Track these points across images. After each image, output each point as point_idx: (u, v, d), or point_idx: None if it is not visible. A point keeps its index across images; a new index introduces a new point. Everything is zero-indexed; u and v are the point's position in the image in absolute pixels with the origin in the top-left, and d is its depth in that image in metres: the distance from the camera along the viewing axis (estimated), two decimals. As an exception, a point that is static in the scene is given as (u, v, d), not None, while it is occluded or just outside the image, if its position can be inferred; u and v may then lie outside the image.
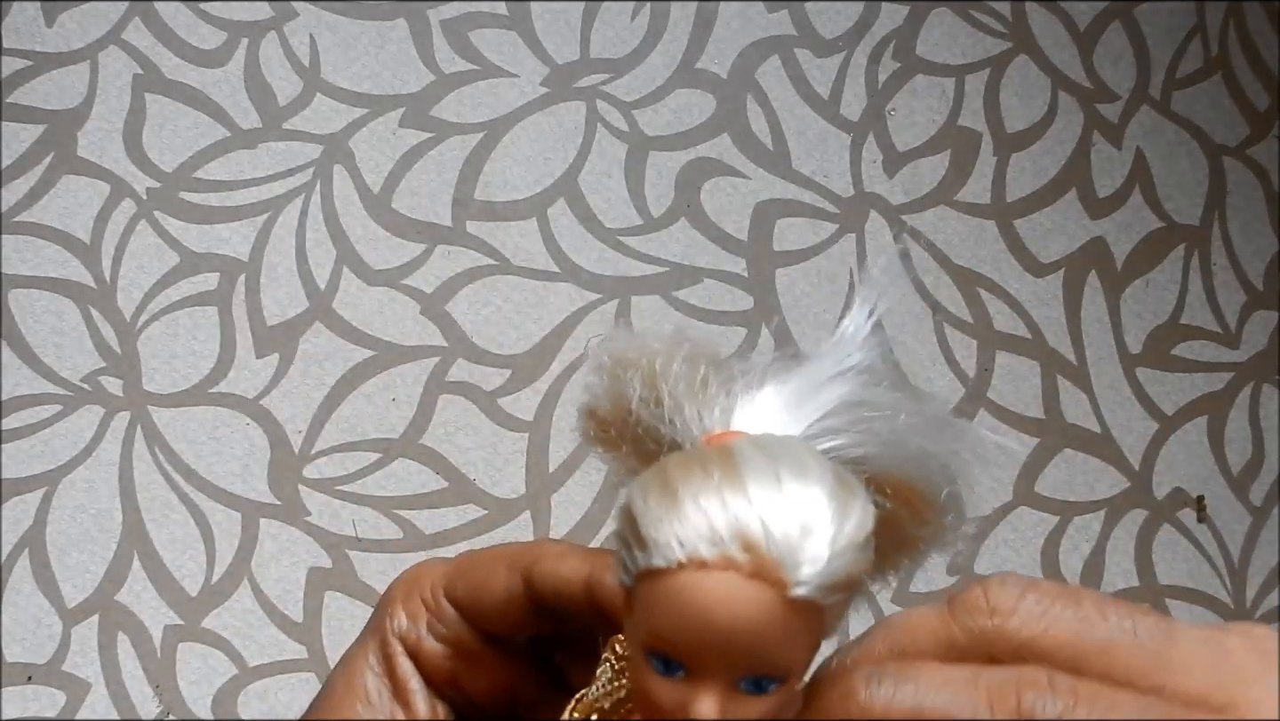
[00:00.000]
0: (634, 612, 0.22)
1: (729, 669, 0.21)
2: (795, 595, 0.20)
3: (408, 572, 0.31)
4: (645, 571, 0.21)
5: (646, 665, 0.22)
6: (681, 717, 0.22)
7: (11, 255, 0.54)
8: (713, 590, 0.21)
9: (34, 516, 0.53)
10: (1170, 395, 0.59)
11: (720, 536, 0.21)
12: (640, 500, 0.22)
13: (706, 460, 0.22)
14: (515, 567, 0.28)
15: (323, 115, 0.56)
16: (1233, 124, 0.61)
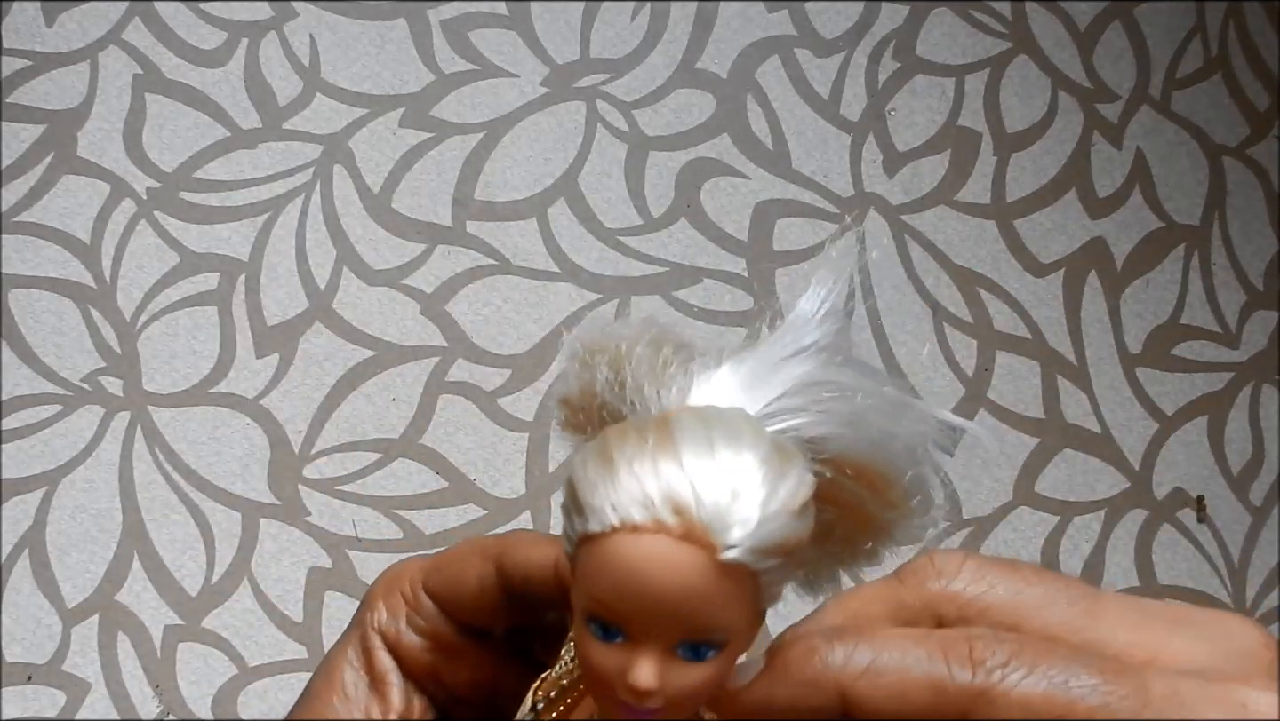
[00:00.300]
0: (575, 581, 0.22)
1: (665, 633, 0.22)
2: (725, 558, 0.20)
3: (389, 570, 0.31)
4: (583, 537, 0.21)
5: (587, 632, 0.22)
6: (621, 684, 0.22)
7: (11, 255, 0.54)
8: (645, 553, 0.21)
9: (34, 516, 0.53)
10: (1170, 395, 0.59)
11: (652, 500, 0.21)
12: (579, 468, 0.22)
13: (644, 428, 0.22)
14: (488, 558, 0.28)
15: (323, 115, 0.56)
16: (1233, 124, 0.61)
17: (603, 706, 0.23)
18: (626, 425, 0.23)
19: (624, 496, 0.21)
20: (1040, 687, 0.21)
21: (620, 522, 0.21)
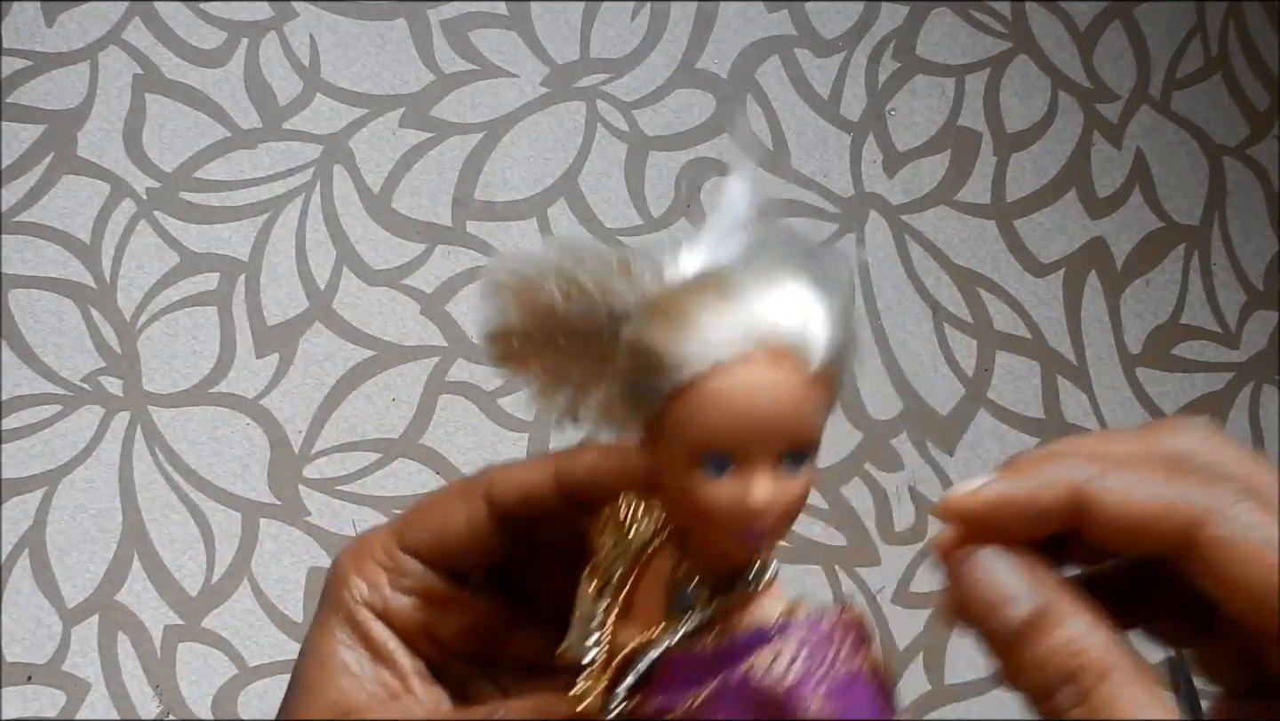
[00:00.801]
0: (665, 439, 0.25)
1: (770, 450, 0.24)
2: (813, 370, 0.23)
3: (347, 548, 0.31)
4: (674, 391, 0.24)
5: (697, 476, 0.24)
6: (739, 510, 0.24)
7: (11, 255, 0.54)
8: (745, 381, 0.24)
9: (34, 516, 0.53)
10: (1170, 395, 0.59)
11: (738, 337, 0.24)
12: (652, 334, 0.24)
13: (696, 287, 0.24)
14: (472, 495, 0.29)
15: (323, 115, 0.56)
16: (1233, 124, 0.61)
17: (712, 547, 0.25)
18: (673, 290, 0.25)
19: (712, 339, 0.23)
20: (1261, 524, 0.22)
21: (714, 363, 0.23)
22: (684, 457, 0.25)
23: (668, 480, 0.25)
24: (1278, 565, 0.22)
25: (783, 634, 0.25)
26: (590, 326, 0.27)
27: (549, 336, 0.30)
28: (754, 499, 0.24)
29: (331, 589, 0.32)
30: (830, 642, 0.25)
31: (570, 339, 0.28)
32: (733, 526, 0.25)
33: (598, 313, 0.27)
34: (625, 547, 0.28)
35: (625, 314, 0.26)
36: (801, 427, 0.24)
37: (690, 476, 0.25)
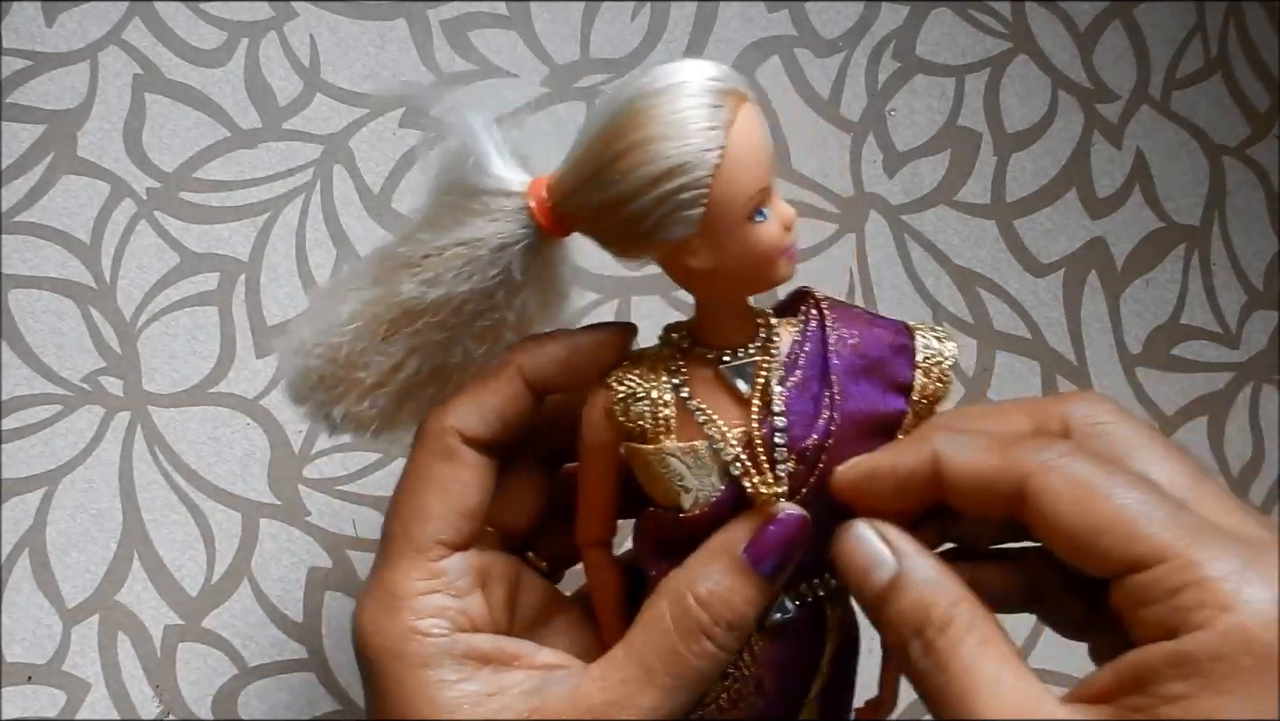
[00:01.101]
0: (720, 223, 0.31)
1: (772, 177, 0.31)
2: (752, 100, 0.31)
3: (374, 617, 0.34)
4: (698, 191, 0.30)
5: (752, 230, 0.31)
6: (782, 236, 0.31)
7: (11, 255, 0.54)
8: (746, 128, 0.30)
9: (34, 516, 0.53)
10: (1170, 395, 0.59)
11: (708, 104, 0.30)
12: (656, 162, 0.29)
13: (614, 124, 0.31)
14: (510, 379, 0.34)
15: (322, 115, 0.56)
16: (1233, 124, 0.61)
17: (769, 279, 0.32)
18: (598, 144, 0.31)
19: (699, 119, 0.29)
20: (1084, 471, 0.26)
21: (718, 144, 0.29)
22: (742, 221, 0.31)
23: (732, 254, 0.31)
24: (1101, 508, 0.26)
25: (818, 323, 0.33)
26: (462, 287, 0.32)
27: (422, 327, 0.34)
28: (789, 214, 0.32)
29: (393, 664, 0.33)
30: (838, 305, 0.34)
31: (446, 313, 0.33)
32: (783, 249, 0.31)
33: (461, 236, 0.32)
34: (657, 400, 0.33)
35: (511, 239, 0.32)
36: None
37: (750, 234, 0.31)
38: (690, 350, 0.34)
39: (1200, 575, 0.24)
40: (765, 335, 0.33)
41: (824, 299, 0.34)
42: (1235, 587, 0.24)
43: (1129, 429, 0.29)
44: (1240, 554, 0.24)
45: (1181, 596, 0.24)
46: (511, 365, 0.33)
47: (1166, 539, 0.25)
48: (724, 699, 0.34)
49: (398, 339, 0.33)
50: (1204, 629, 0.24)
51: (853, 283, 0.58)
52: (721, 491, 0.32)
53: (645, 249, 0.32)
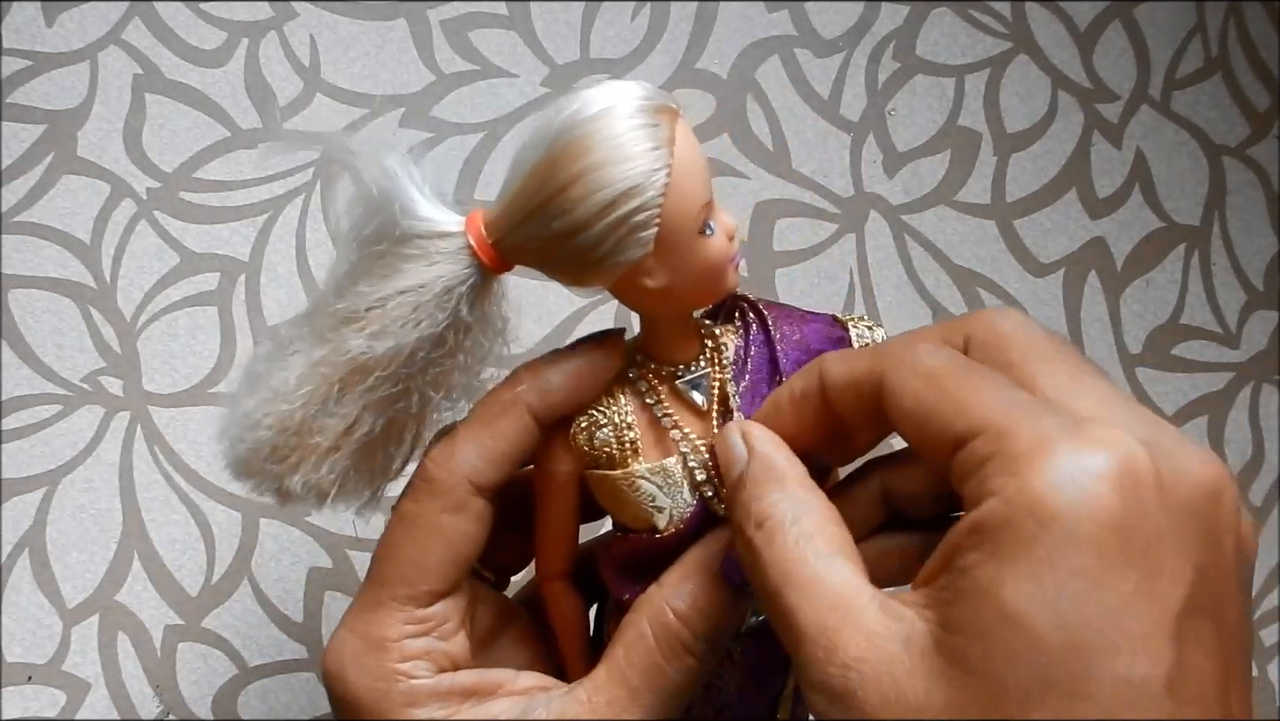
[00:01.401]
0: (672, 242, 0.31)
1: (711, 189, 0.32)
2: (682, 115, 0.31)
3: (345, 666, 0.34)
4: (650, 209, 0.30)
5: (702, 244, 0.31)
6: (728, 246, 0.32)
7: (11, 255, 0.54)
8: (686, 145, 0.31)
9: (34, 516, 0.53)
10: (1170, 395, 0.59)
11: (645, 124, 0.30)
12: (603, 190, 0.29)
13: (552, 154, 0.30)
14: (518, 415, 0.33)
15: (322, 115, 0.56)
16: (1233, 124, 0.61)
17: (718, 290, 0.32)
18: (541, 176, 0.30)
19: (639, 140, 0.29)
20: (931, 362, 0.27)
21: (664, 162, 0.30)
22: (693, 235, 0.31)
23: (685, 269, 0.31)
24: (936, 392, 0.26)
25: (759, 326, 0.34)
26: (403, 352, 0.32)
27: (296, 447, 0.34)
28: (731, 225, 0.32)
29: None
30: (773, 305, 0.35)
31: (383, 378, 0.32)
32: (730, 259, 0.32)
33: (403, 343, 0.32)
34: (620, 424, 0.33)
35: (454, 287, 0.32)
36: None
37: (701, 248, 0.31)
38: (647, 368, 0.33)
39: (1005, 444, 0.24)
40: (712, 345, 0.33)
41: (759, 301, 0.34)
42: (1035, 454, 0.23)
43: (1025, 335, 0.28)
44: (1057, 425, 0.24)
45: (988, 466, 0.24)
46: (518, 405, 0.33)
47: (985, 413, 0.25)
48: (709, 711, 0.35)
49: (349, 398, 0.32)
50: (996, 495, 0.23)
51: (853, 282, 0.58)
52: (695, 505, 0.32)
53: (599, 275, 0.31)
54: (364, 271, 0.32)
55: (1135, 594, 0.22)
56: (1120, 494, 0.22)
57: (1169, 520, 0.23)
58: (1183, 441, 0.25)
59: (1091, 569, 0.22)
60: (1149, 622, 0.22)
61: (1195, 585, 0.22)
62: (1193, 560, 0.23)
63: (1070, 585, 0.22)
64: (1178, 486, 0.23)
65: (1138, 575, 0.22)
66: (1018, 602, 0.22)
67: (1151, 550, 0.22)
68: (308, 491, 0.34)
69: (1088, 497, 0.22)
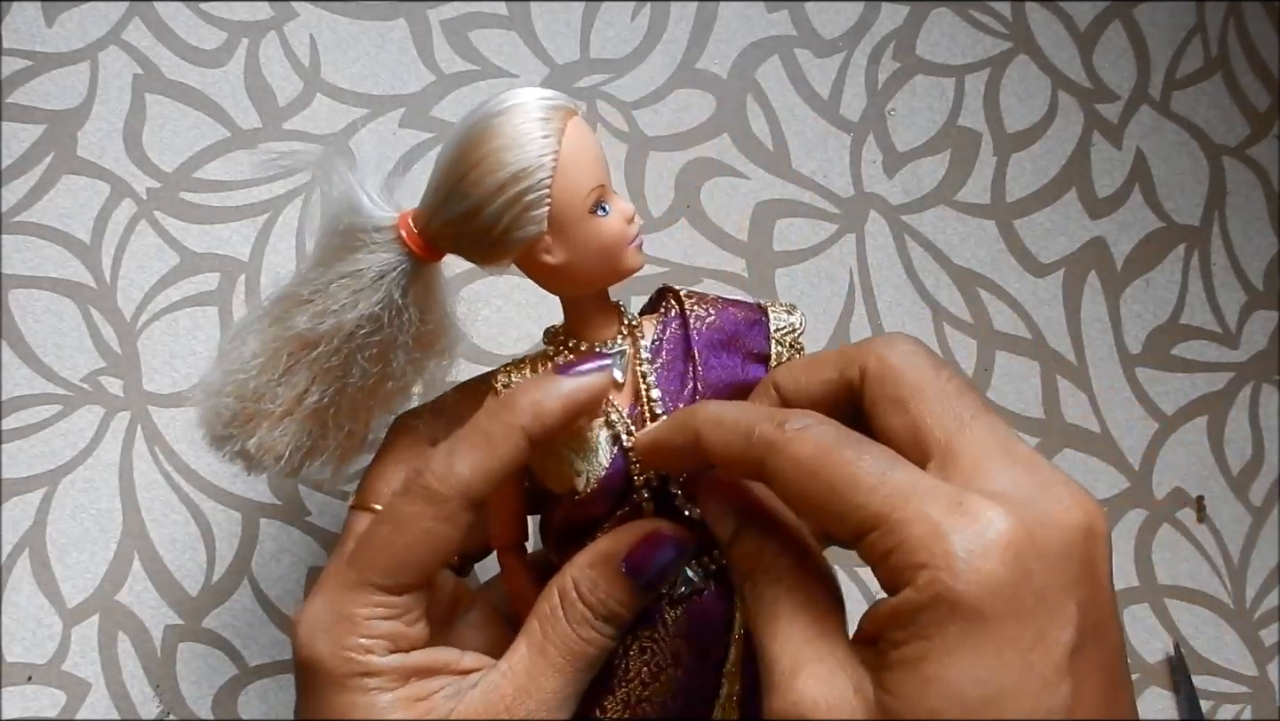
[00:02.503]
0: (566, 222, 0.35)
1: (607, 176, 0.35)
2: (581, 113, 0.35)
3: (316, 635, 0.37)
4: (541, 189, 0.34)
5: (596, 224, 0.35)
6: (626, 228, 0.36)
7: (11, 255, 0.54)
8: (576, 135, 0.35)
9: (34, 516, 0.53)
10: (1170, 395, 0.59)
11: (539, 118, 0.34)
12: (496, 176, 0.34)
13: (461, 147, 0.35)
14: (510, 433, 0.36)
15: (322, 115, 0.56)
16: (1233, 124, 0.61)
17: (624, 269, 0.36)
18: (453, 166, 0.35)
19: (532, 129, 0.34)
20: (805, 450, 0.30)
21: (553, 151, 0.34)
22: (585, 214, 0.35)
23: (582, 246, 0.35)
24: (819, 486, 0.29)
25: (678, 312, 0.38)
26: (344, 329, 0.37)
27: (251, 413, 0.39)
28: (629, 209, 0.36)
29: (332, 682, 0.36)
30: (696, 294, 0.38)
31: (327, 351, 0.37)
32: (628, 239, 0.36)
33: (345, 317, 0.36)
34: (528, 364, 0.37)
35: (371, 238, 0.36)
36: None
37: (595, 227, 0.35)
38: (568, 346, 0.38)
39: (903, 537, 0.28)
40: (630, 326, 0.38)
41: (682, 290, 0.38)
42: (931, 545, 0.27)
43: (912, 374, 0.32)
44: (942, 512, 0.28)
45: (891, 558, 0.28)
46: (515, 428, 0.36)
47: (875, 505, 0.28)
48: (645, 672, 0.38)
49: (298, 369, 0.37)
50: (908, 586, 0.28)
51: (853, 282, 0.58)
52: (607, 467, 0.36)
53: (505, 251, 0.35)
54: (317, 261, 0.37)
55: (1034, 646, 0.27)
56: (1006, 567, 0.27)
57: (1049, 573, 0.27)
58: (1052, 486, 0.29)
59: (995, 635, 0.27)
60: (1048, 666, 0.27)
61: (1080, 619, 0.27)
62: (1075, 598, 0.27)
63: (981, 652, 0.27)
64: (1051, 540, 0.28)
65: (1033, 630, 0.27)
66: (940, 672, 0.27)
67: (1041, 604, 0.27)
68: (263, 452, 0.38)
69: (981, 579, 0.27)
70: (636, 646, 0.38)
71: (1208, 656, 0.57)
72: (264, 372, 0.37)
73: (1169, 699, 0.57)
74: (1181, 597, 0.58)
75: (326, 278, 0.36)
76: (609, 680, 0.38)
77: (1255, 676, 0.58)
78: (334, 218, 0.37)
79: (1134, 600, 0.58)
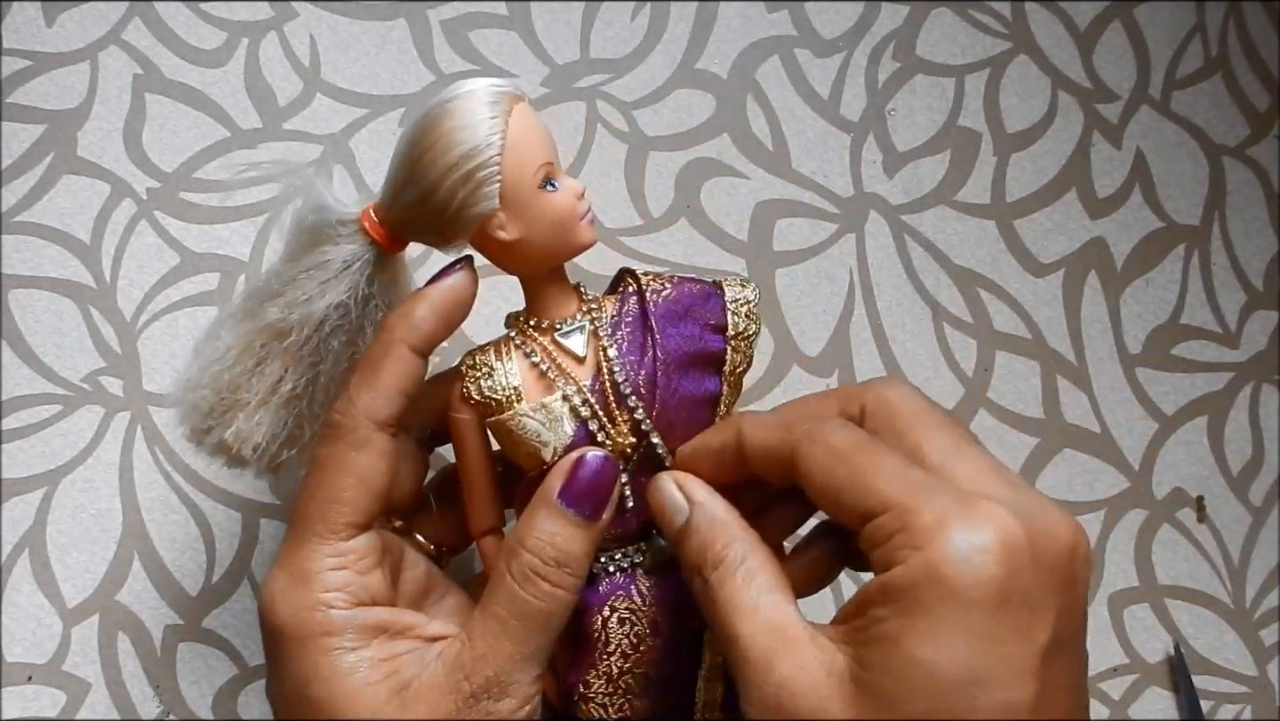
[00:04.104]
0: (518, 196, 0.36)
1: (556, 155, 0.37)
2: (529, 98, 0.37)
3: (279, 600, 0.38)
4: (490, 167, 0.35)
5: (546, 199, 0.36)
6: (577, 203, 0.37)
7: (11, 255, 0.54)
8: (522, 116, 0.36)
9: (34, 516, 0.53)
10: (1170, 395, 0.59)
11: (487, 100, 0.36)
12: (451, 155, 0.35)
13: (414, 135, 0.36)
14: (403, 354, 0.38)
15: (322, 115, 0.56)
16: (1233, 124, 0.61)
17: (577, 243, 0.38)
18: (411, 147, 0.36)
19: (480, 110, 0.35)
20: (837, 440, 0.32)
21: (500, 134, 0.35)
22: (535, 189, 0.36)
23: (534, 221, 0.36)
24: (844, 470, 0.31)
25: (635, 288, 0.39)
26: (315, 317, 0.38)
27: (225, 404, 0.40)
28: (577, 186, 0.37)
29: (298, 638, 0.37)
30: (653, 274, 0.40)
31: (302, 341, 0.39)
32: (580, 214, 0.37)
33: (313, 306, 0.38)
34: (505, 372, 0.38)
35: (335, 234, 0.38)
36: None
37: (545, 202, 0.36)
38: (529, 326, 0.39)
39: (908, 521, 0.29)
40: (589, 303, 0.39)
41: (641, 271, 0.40)
42: (933, 531, 0.29)
43: (910, 407, 0.34)
44: (949, 505, 0.30)
45: (895, 539, 0.30)
46: (395, 342, 0.38)
47: (890, 492, 0.30)
48: (626, 644, 0.38)
49: (271, 359, 0.38)
50: (903, 564, 0.29)
51: (853, 282, 0.58)
52: (572, 436, 0.37)
53: (460, 230, 0.37)
54: (287, 258, 0.39)
55: (1011, 640, 0.28)
56: (1000, 564, 0.29)
57: (1037, 578, 0.29)
58: (1046, 505, 0.32)
59: (978, 624, 0.28)
60: (1022, 661, 0.28)
61: (1057, 626, 0.29)
62: (1055, 606, 0.29)
63: (962, 636, 0.28)
64: (1045, 548, 0.30)
65: (1013, 625, 0.28)
66: (920, 650, 0.28)
67: (1024, 604, 0.29)
68: (241, 442, 0.39)
69: (975, 569, 0.29)
70: (615, 618, 0.39)
71: (1208, 656, 0.57)
72: (238, 364, 0.38)
73: (1169, 699, 0.57)
74: (1181, 597, 0.58)
75: (294, 271, 0.38)
76: (590, 654, 0.39)
77: (1255, 676, 0.58)
78: (300, 216, 0.38)
79: (1134, 600, 0.58)
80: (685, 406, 0.38)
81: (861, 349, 0.57)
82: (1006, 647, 0.28)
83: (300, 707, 0.36)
